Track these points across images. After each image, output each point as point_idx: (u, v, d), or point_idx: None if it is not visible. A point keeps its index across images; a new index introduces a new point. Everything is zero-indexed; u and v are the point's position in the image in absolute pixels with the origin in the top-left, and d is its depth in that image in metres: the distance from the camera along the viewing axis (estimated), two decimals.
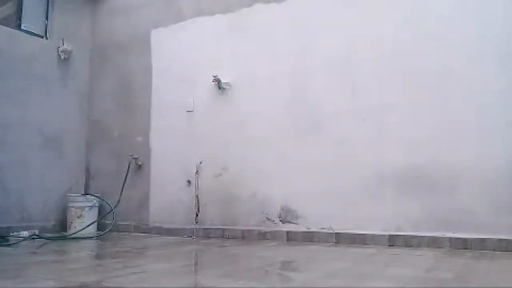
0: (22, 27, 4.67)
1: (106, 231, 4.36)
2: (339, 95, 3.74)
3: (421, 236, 3.25)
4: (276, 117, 4.00)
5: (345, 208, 3.59)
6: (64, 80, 4.98)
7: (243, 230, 3.97)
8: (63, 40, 4.93)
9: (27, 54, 4.61)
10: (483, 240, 3.05)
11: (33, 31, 4.77)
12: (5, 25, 4.48)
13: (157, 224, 4.49)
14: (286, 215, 3.87)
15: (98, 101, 5.16)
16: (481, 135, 3.20)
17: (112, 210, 4.52)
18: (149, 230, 4.48)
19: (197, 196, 4.31)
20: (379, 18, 3.64)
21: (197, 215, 4.29)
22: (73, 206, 4.48)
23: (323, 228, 3.66)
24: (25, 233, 4.01)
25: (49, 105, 4.71)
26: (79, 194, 4.66)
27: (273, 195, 3.94)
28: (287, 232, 3.77)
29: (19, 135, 4.11)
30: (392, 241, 3.33)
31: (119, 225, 4.55)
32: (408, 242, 3.28)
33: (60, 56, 4.92)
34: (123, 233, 4.50)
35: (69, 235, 4.27)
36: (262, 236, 3.85)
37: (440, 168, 3.29)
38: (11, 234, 4.01)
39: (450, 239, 3.15)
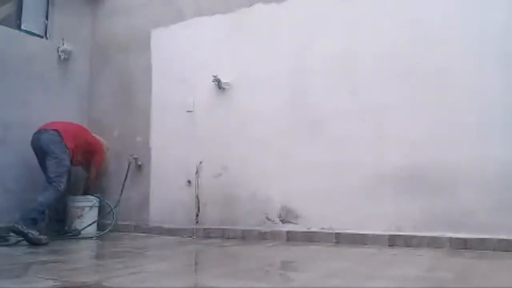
0: (22, 27, 4.65)
1: (106, 231, 4.36)
2: (339, 95, 3.74)
3: (421, 236, 3.24)
4: (276, 117, 4.00)
5: (345, 208, 3.59)
6: (64, 80, 4.97)
7: (243, 230, 3.96)
8: (63, 40, 4.92)
9: (27, 54, 4.60)
10: (483, 240, 3.04)
11: (33, 31, 4.75)
12: (5, 25, 4.47)
13: (157, 224, 4.48)
14: (286, 215, 3.87)
15: (98, 101, 5.16)
16: (481, 135, 3.19)
17: (112, 210, 4.52)
18: (149, 230, 4.48)
19: (197, 196, 4.31)
20: (379, 18, 3.64)
21: (197, 215, 4.29)
22: (73, 206, 4.48)
23: (323, 228, 3.66)
24: None
25: (49, 105, 4.70)
26: (79, 194, 4.66)
27: (273, 195, 3.94)
28: (287, 232, 3.77)
29: (19, 135, 4.10)
30: (392, 241, 3.33)
31: (119, 225, 4.54)
32: (408, 242, 3.27)
33: (60, 56, 4.91)
34: (123, 233, 4.50)
35: (69, 235, 4.26)
36: (262, 236, 3.85)
37: (440, 168, 3.29)
38: (11, 234, 3.99)
39: (450, 239, 3.15)
